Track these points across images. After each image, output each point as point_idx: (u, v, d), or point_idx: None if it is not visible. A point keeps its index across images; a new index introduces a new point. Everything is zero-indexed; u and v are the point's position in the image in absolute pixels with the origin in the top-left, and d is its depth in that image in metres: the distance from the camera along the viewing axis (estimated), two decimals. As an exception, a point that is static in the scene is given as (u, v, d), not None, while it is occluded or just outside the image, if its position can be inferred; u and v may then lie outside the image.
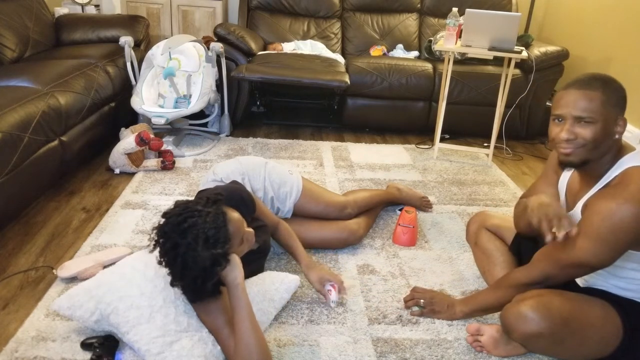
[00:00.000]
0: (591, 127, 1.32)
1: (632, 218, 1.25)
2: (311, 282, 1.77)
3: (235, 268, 1.41)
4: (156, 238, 1.40)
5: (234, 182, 1.80)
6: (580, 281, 1.56)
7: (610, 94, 1.32)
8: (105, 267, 1.84)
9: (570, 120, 1.35)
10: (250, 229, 1.51)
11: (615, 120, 1.34)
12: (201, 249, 1.33)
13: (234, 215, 1.45)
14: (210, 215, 1.37)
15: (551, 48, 3.43)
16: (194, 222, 1.35)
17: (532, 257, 1.51)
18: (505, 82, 3.02)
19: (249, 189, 1.92)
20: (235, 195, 1.65)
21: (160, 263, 1.42)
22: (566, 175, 1.55)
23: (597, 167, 1.39)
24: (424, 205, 2.48)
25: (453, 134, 3.55)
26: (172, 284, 1.44)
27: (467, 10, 2.79)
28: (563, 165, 1.40)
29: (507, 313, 1.45)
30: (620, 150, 1.38)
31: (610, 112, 1.32)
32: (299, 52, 3.68)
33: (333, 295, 1.73)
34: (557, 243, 1.39)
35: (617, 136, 1.35)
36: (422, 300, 1.74)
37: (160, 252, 1.40)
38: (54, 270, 1.84)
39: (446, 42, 2.93)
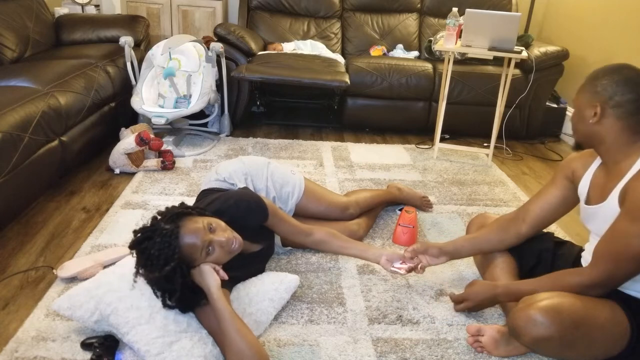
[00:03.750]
0: (573, 112, 1.51)
1: None
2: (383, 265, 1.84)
3: (205, 278, 1.43)
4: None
5: (245, 189, 1.79)
6: None
7: (587, 82, 1.44)
8: (105, 267, 1.84)
9: None
10: (226, 236, 1.49)
11: (587, 107, 1.42)
12: (149, 270, 1.39)
13: (191, 227, 1.44)
14: (162, 234, 1.40)
15: (551, 48, 3.43)
16: (146, 244, 1.40)
17: (593, 256, 1.44)
18: (505, 82, 3.02)
19: (251, 188, 1.92)
20: (242, 204, 1.65)
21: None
22: (590, 172, 1.55)
23: (611, 155, 1.43)
24: (424, 205, 2.48)
25: (453, 134, 3.55)
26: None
27: (467, 10, 2.79)
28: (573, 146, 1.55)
29: (516, 317, 1.42)
30: (630, 130, 1.39)
31: (581, 99, 1.45)
32: (299, 52, 3.68)
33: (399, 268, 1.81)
34: (609, 238, 1.39)
35: (590, 121, 1.42)
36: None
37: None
38: (54, 270, 1.84)
39: (446, 42, 2.93)
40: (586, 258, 1.58)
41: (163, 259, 1.38)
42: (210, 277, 1.43)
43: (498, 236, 1.75)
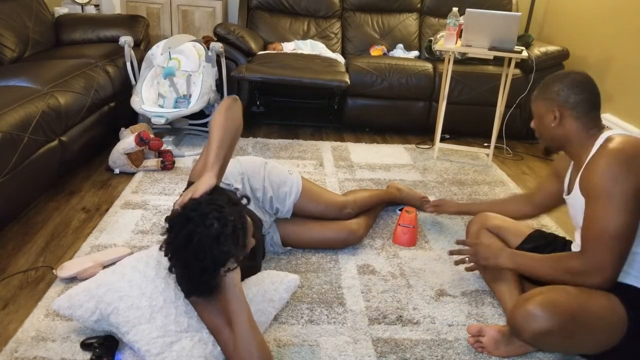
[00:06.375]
0: (534, 121, 1.65)
1: (624, 166, 1.36)
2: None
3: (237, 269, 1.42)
4: (171, 221, 1.39)
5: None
6: None
7: (540, 90, 1.58)
8: (105, 267, 1.84)
9: None
10: (252, 238, 1.52)
11: (547, 113, 1.56)
12: (229, 244, 1.34)
13: (249, 219, 1.47)
14: (235, 214, 1.38)
15: (551, 48, 3.43)
16: (223, 216, 1.35)
17: (581, 245, 1.47)
18: (506, 82, 3.02)
19: (248, 188, 1.92)
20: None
21: (162, 248, 1.41)
22: (570, 169, 1.66)
23: (575, 151, 1.55)
24: (424, 205, 2.48)
25: (453, 134, 3.55)
26: (171, 270, 1.45)
27: (467, 10, 2.78)
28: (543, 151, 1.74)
29: (514, 314, 1.44)
30: (589, 127, 1.52)
31: (538, 106, 1.59)
32: (299, 52, 3.68)
33: None
34: (587, 225, 1.44)
35: (552, 125, 1.55)
36: (467, 258, 1.76)
37: (172, 237, 1.38)
38: (54, 271, 1.84)
39: (446, 42, 2.93)
40: (575, 249, 1.66)
41: (242, 237, 1.38)
42: (238, 268, 1.44)
43: (515, 207, 1.98)
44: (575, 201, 1.53)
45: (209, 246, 1.34)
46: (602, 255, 1.40)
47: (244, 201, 1.53)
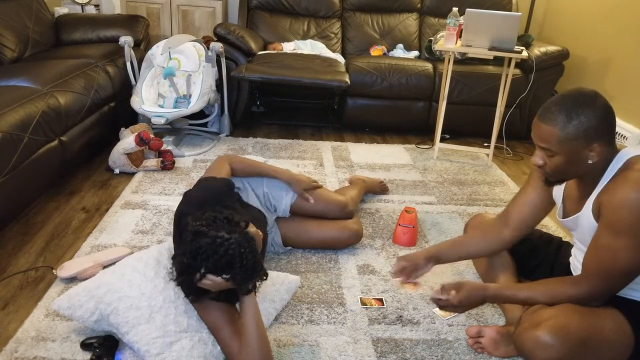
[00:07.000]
0: (554, 159, 1.34)
1: None
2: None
3: None
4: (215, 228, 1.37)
5: (206, 179, 1.77)
6: None
7: (570, 129, 1.28)
8: (105, 267, 1.84)
9: (538, 148, 1.36)
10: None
11: (583, 151, 1.30)
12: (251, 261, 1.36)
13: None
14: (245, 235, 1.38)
15: (551, 48, 3.43)
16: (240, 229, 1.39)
17: (583, 270, 1.39)
18: (506, 82, 3.02)
19: (247, 187, 1.93)
20: (210, 187, 1.68)
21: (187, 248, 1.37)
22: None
23: (590, 174, 1.37)
24: (383, 189, 2.61)
25: (453, 134, 3.55)
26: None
27: (467, 10, 2.78)
28: (545, 183, 1.43)
29: (523, 339, 1.38)
30: (613, 152, 1.35)
31: (571, 146, 1.30)
32: (299, 52, 3.68)
33: None
34: (596, 253, 1.35)
35: (590, 162, 1.32)
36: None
37: (211, 236, 1.34)
38: (54, 271, 1.84)
39: (446, 42, 2.93)
40: (574, 263, 1.57)
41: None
42: None
43: (482, 243, 1.65)
44: (584, 222, 1.41)
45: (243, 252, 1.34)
46: (606, 285, 1.35)
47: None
